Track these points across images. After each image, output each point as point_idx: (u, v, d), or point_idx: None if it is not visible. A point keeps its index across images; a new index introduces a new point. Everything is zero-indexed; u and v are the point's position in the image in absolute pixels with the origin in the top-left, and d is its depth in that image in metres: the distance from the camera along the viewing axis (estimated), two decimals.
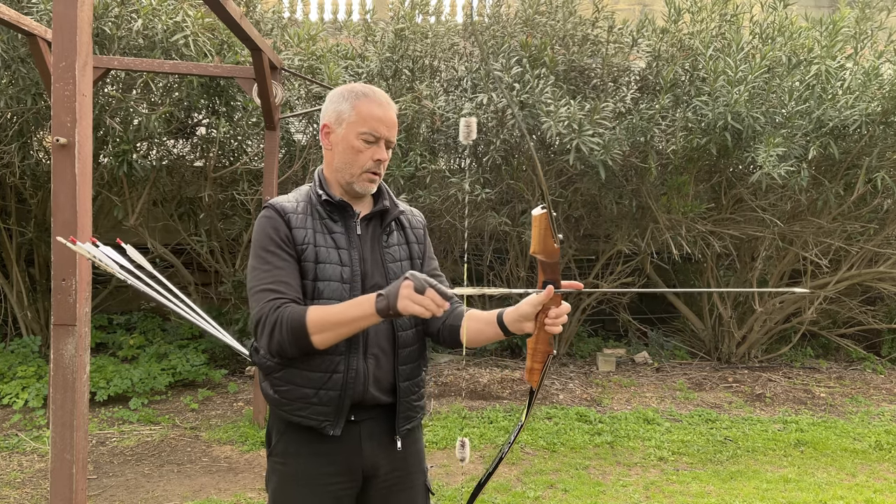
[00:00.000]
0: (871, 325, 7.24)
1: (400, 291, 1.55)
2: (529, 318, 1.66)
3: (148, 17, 5.10)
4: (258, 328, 1.67)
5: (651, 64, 6.07)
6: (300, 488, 1.78)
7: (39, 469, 4.19)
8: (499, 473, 4.23)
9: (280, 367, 1.74)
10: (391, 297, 1.56)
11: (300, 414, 1.74)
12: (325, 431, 1.74)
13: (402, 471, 1.86)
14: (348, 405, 1.74)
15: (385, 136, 1.77)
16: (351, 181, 1.79)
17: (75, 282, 2.13)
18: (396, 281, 1.58)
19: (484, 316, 1.75)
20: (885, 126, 5.67)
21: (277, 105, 4.76)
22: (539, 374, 1.70)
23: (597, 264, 6.97)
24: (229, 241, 6.79)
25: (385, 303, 1.57)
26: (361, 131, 1.75)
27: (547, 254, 1.61)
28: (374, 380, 1.77)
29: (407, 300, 1.54)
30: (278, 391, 1.76)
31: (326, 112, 1.81)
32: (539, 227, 1.59)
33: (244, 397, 5.66)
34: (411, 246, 1.89)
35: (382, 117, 1.77)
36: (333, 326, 1.62)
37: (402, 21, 6.16)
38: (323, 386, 1.72)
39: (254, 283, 1.71)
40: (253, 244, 1.76)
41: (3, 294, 6.43)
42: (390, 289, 1.58)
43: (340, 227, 1.78)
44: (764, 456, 4.63)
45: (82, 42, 2.11)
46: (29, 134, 5.54)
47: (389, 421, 1.83)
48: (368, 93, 1.78)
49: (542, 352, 1.69)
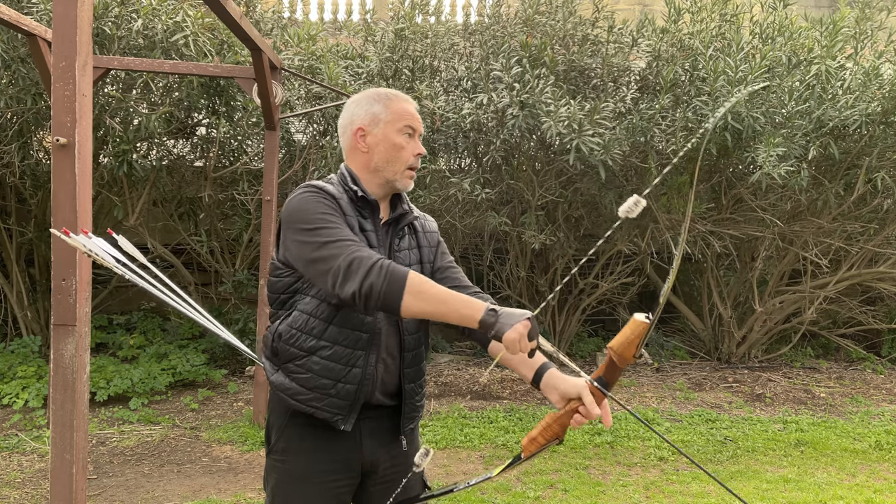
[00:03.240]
0: (871, 325, 7.24)
1: (516, 326, 1.50)
2: (566, 399, 1.68)
3: (148, 17, 5.10)
4: (349, 269, 1.59)
5: (651, 64, 6.07)
6: (299, 486, 1.80)
7: (39, 469, 4.19)
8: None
9: (304, 353, 1.74)
10: (504, 323, 1.51)
11: (314, 405, 1.74)
12: (337, 425, 1.75)
13: (400, 466, 1.88)
14: (362, 401, 1.76)
15: (419, 129, 1.87)
16: (393, 179, 1.83)
17: (75, 282, 2.13)
18: (515, 310, 1.55)
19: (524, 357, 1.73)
20: (885, 126, 5.67)
21: (277, 105, 4.76)
22: (538, 448, 1.69)
23: (597, 264, 6.97)
24: (229, 241, 6.79)
25: (494, 320, 1.52)
26: (401, 126, 1.82)
27: (621, 359, 1.61)
28: (382, 383, 1.80)
29: (517, 335, 1.50)
30: (296, 379, 1.75)
31: (356, 116, 1.85)
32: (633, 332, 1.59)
33: (244, 397, 5.66)
34: (422, 250, 1.91)
35: (415, 113, 1.87)
36: (430, 299, 1.58)
37: (402, 21, 6.16)
38: (342, 379, 1.74)
39: (324, 238, 1.65)
40: (300, 214, 1.71)
41: (3, 294, 6.43)
42: (507, 313, 1.53)
43: (370, 225, 1.82)
44: (764, 456, 4.63)
45: (82, 42, 2.10)
46: (29, 134, 5.54)
47: (391, 420, 1.85)
48: (395, 92, 1.89)
49: (553, 432, 1.68)
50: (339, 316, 1.73)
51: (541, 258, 6.86)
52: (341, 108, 5.86)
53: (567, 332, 7.01)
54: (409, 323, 1.83)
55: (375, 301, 1.59)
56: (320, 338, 1.73)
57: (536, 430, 1.70)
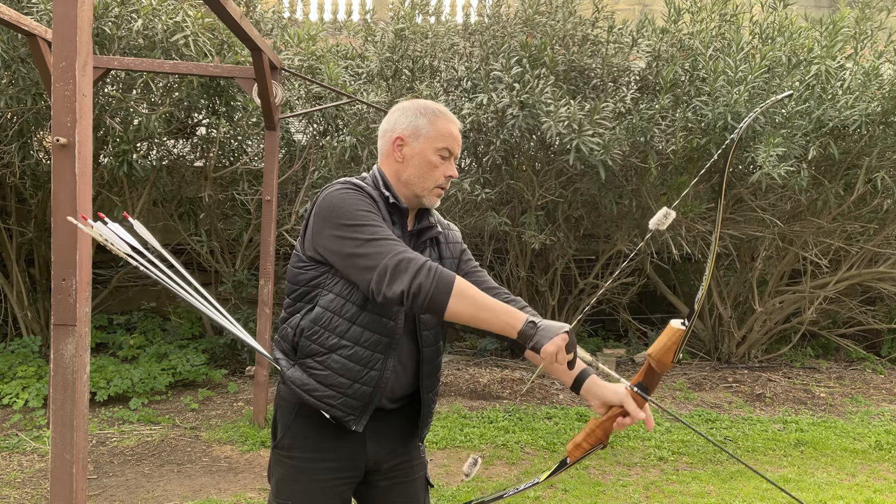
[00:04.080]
0: (871, 325, 7.24)
1: (554, 339, 1.53)
2: (608, 406, 1.72)
3: (148, 17, 5.10)
4: (397, 268, 1.59)
5: (651, 64, 6.07)
6: (303, 482, 1.82)
7: (39, 469, 4.19)
8: (499, 474, 4.24)
9: (325, 351, 1.75)
10: (543, 335, 1.54)
11: (329, 402, 1.76)
12: (349, 425, 1.77)
13: (404, 464, 1.92)
14: (375, 404, 1.78)
15: (456, 153, 1.85)
16: (421, 195, 1.83)
17: (75, 282, 2.13)
18: (554, 323, 1.57)
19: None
20: (884, 126, 5.67)
21: (277, 105, 4.76)
22: (583, 454, 1.74)
23: (597, 264, 6.97)
24: (229, 241, 6.79)
25: (533, 332, 1.56)
26: (439, 146, 1.81)
27: (660, 364, 1.65)
28: (391, 390, 1.82)
29: (555, 348, 1.53)
30: (315, 375, 1.76)
31: (399, 124, 1.84)
32: (670, 339, 1.63)
33: (244, 397, 5.67)
34: (444, 262, 1.90)
35: (457, 136, 1.85)
36: (476, 304, 1.59)
37: (402, 21, 6.16)
38: (359, 380, 1.75)
39: (368, 235, 1.65)
40: (341, 209, 1.70)
41: (3, 294, 6.43)
42: (546, 326, 1.56)
43: (399, 231, 1.81)
44: (764, 456, 4.63)
45: (82, 42, 2.10)
46: (29, 134, 5.54)
47: (395, 421, 1.88)
48: (444, 111, 1.86)
49: (597, 437, 1.73)
50: (363, 316, 1.74)
51: (541, 258, 6.86)
52: (341, 108, 5.88)
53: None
54: (427, 334, 1.85)
55: (423, 301, 1.59)
56: (343, 336, 1.74)
57: (581, 436, 1.75)
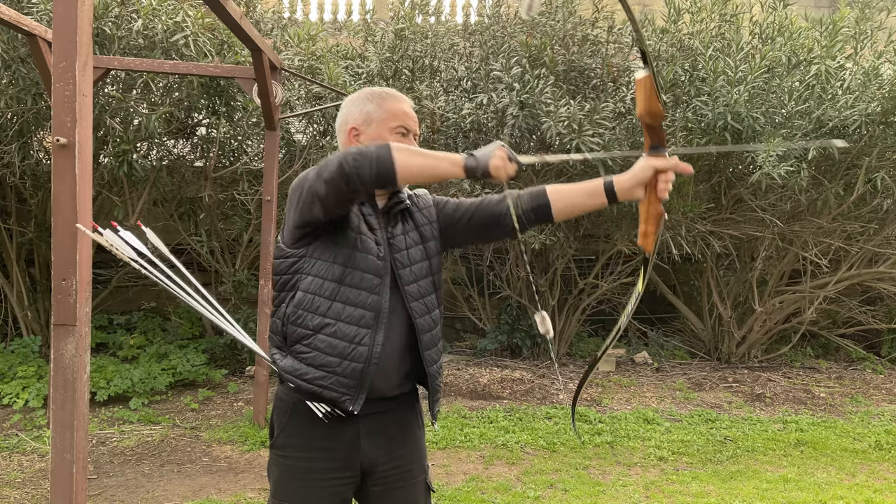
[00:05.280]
0: (871, 325, 7.24)
1: (496, 154, 1.60)
2: (644, 182, 1.74)
3: (148, 18, 5.10)
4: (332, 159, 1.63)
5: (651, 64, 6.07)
6: (299, 481, 1.82)
7: (39, 469, 4.19)
8: (499, 474, 4.24)
9: (310, 332, 1.76)
10: (484, 157, 1.61)
11: (321, 383, 1.76)
12: (346, 405, 1.76)
13: (402, 468, 1.89)
14: (369, 381, 1.76)
15: (413, 129, 1.87)
16: None
17: (75, 282, 2.13)
18: (488, 146, 1.64)
19: (582, 188, 1.85)
20: (884, 126, 5.67)
21: (277, 105, 4.76)
22: (654, 237, 1.75)
23: (597, 264, 6.97)
24: (229, 241, 6.79)
25: (475, 162, 1.61)
26: (393, 126, 1.83)
27: (652, 116, 1.63)
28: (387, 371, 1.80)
29: (500, 162, 1.60)
30: (304, 359, 1.77)
31: (351, 115, 1.87)
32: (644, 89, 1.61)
33: (244, 397, 5.67)
34: (421, 229, 1.92)
35: (409, 112, 1.87)
36: (418, 154, 1.63)
37: (402, 21, 6.16)
38: (348, 356, 1.75)
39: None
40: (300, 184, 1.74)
41: (3, 294, 6.43)
42: (482, 151, 1.63)
43: (370, 209, 1.85)
44: (764, 456, 4.63)
45: (82, 42, 2.10)
46: (29, 134, 5.54)
47: (390, 419, 1.86)
48: (391, 92, 1.89)
49: (655, 214, 1.74)
50: (342, 291, 1.76)
51: (541, 258, 6.86)
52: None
53: (567, 331, 7.02)
54: (417, 304, 1.84)
55: (369, 167, 1.59)
56: (325, 315, 1.76)
57: (642, 225, 1.77)
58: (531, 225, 1.91)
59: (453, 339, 7.51)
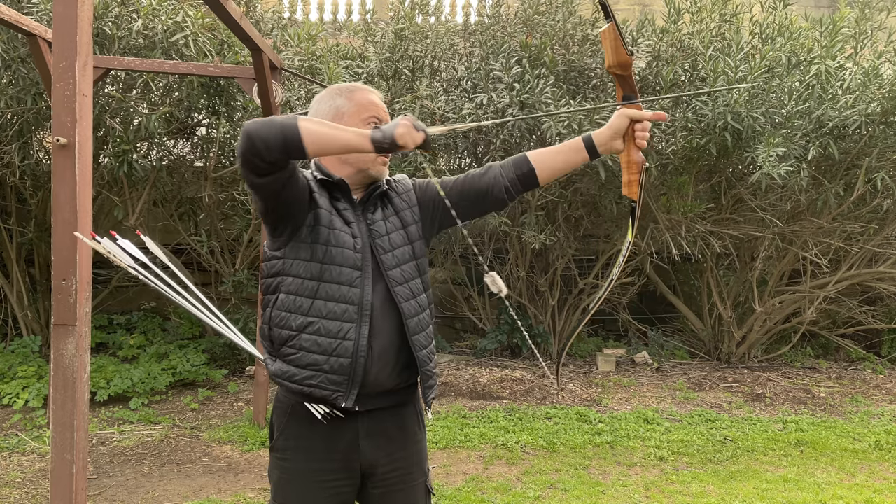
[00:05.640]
0: (871, 325, 7.23)
1: (401, 122, 1.61)
2: (622, 132, 1.76)
3: (148, 17, 5.10)
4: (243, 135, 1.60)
5: (651, 64, 6.07)
6: (299, 484, 1.82)
7: (39, 469, 4.19)
8: (499, 474, 4.24)
9: (294, 332, 1.75)
10: (388, 129, 1.61)
11: (311, 383, 1.74)
12: (338, 402, 1.74)
13: (402, 470, 1.87)
14: (360, 375, 1.74)
15: (385, 119, 1.87)
16: (366, 168, 1.85)
17: (75, 282, 2.13)
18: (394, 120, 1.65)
19: (563, 147, 1.88)
20: (884, 126, 5.67)
21: (277, 105, 4.76)
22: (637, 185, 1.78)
23: (597, 264, 6.97)
24: (229, 241, 6.79)
25: (381, 134, 1.61)
26: (365, 117, 1.84)
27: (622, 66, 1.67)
28: (381, 360, 1.78)
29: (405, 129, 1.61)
30: (291, 360, 1.76)
31: (320, 113, 1.87)
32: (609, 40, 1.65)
33: (244, 397, 5.67)
34: (401, 214, 1.91)
35: (378, 103, 1.88)
36: (324, 125, 1.63)
37: (402, 21, 6.16)
38: (333, 352, 1.73)
39: None
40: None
41: (3, 294, 6.43)
42: (388, 123, 1.65)
43: (346, 204, 1.84)
44: (764, 456, 4.63)
45: (82, 42, 2.11)
46: (29, 134, 5.54)
47: (389, 420, 1.85)
48: (358, 85, 1.91)
49: (636, 162, 1.76)
50: (321, 289, 1.75)
51: (541, 258, 6.86)
52: None
53: (567, 331, 7.02)
54: (402, 289, 1.82)
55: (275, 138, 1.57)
56: (307, 314, 1.75)
57: (625, 175, 1.79)
58: (518, 193, 1.93)
59: (453, 339, 7.51)
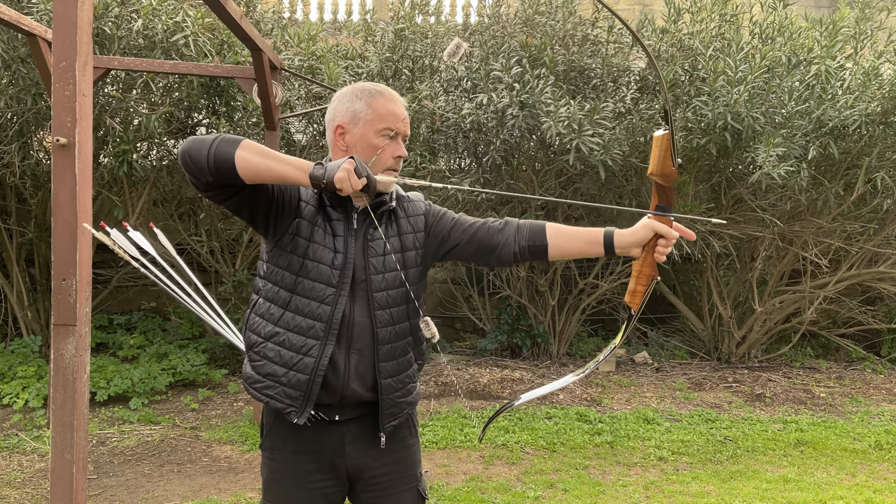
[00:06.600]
0: (871, 325, 7.24)
1: (343, 166, 1.54)
2: (643, 243, 1.71)
3: (148, 17, 5.10)
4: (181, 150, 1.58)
5: (651, 64, 6.07)
6: (286, 483, 1.82)
7: (39, 469, 4.19)
8: (499, 474, 4.24)
9: (262, 340, 1.75)
10: (332, 168, 1.55)
11: (268, 393, 1.75)
12: (290, 418, 1.73)
13: (391, 475, 1.85)
14: (316, 394, 1.72)
15: (403, 131, 1.79)
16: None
17: (75, 282, 2.13)
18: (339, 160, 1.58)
19: (582, 234, 1.80)
20: (884, 126, 5.67)
21: (277, 105, 4.76)
22: (642, 296, 1.75)
23: (597, 264, 6.97)
24: (229, 241, 6.79)
25: (322, 172, 1.55)
26: (380, 128, 1.75)
27: (664, 177, 1.61)
28: (357, 375, 1.75)
29: (344, 174, 1.53)
30: (254, 366, 1.77)
31: (338, 112, 1.79)
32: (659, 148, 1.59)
33: (244, 397, 5.66)
34: (403, 237, 1.84)
35: (398, 113, 1.78)
36: (262, 152, 1.57)
37: (402, 21, 6.16)
38: (293, 367, 1.71)
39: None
40: None
41: (3, 294, 6.43)
42: (332, 163, 1.57)
43: (340, 214, 1.78)
44: (764, 456, 4.63)
45: (82, 42, 2.11)
46: (29, 134, 5.54)
47: (376, 423, 1.81)
48: (382, 90, 1.79)
49: (647, 275, 1.74)
50: (293, 301, 1.73)
51: None
52: None
53: (567, 331, 7.02)
54: (382, 314, 1.78)
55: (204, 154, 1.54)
56: (276, 324, 1.74)
57: (632, 283, 1.76)
58: (524, 260, 1.85)
59: (453, 339, 7.51)
